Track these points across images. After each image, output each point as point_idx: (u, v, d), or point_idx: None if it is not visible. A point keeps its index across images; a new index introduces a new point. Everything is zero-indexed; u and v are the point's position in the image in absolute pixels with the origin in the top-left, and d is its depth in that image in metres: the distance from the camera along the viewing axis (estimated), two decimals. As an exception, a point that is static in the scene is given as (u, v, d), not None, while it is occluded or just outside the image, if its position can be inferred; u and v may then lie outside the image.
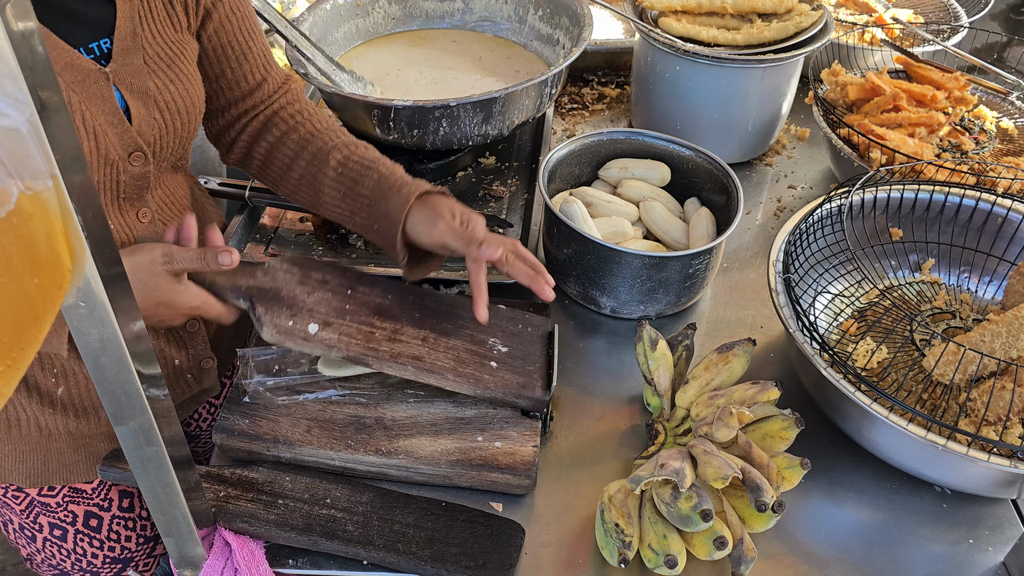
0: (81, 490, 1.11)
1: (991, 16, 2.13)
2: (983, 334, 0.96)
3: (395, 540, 0.87)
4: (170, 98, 0.94)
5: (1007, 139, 1.44)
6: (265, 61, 1.06)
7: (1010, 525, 0.94)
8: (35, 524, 1.12)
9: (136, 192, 0.96)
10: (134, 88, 0.91)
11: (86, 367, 0.64)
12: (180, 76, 0.95)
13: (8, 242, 0.48)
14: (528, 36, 1.57)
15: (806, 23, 1.40)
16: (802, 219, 1.10)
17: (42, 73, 0.49)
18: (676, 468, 0.83)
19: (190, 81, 0.97)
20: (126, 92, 0.90)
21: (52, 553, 1.15)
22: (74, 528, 1.12)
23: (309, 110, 1.10)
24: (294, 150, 1.06)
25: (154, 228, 1.00)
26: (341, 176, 1.02)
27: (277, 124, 1.07)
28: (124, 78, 0.90)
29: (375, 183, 1.00)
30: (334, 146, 1.04)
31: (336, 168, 1.03)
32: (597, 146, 1.29)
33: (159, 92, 0.93)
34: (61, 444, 1.05)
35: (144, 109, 0.92)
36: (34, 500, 1.10)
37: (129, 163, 0.92)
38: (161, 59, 0.93)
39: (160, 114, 0.94)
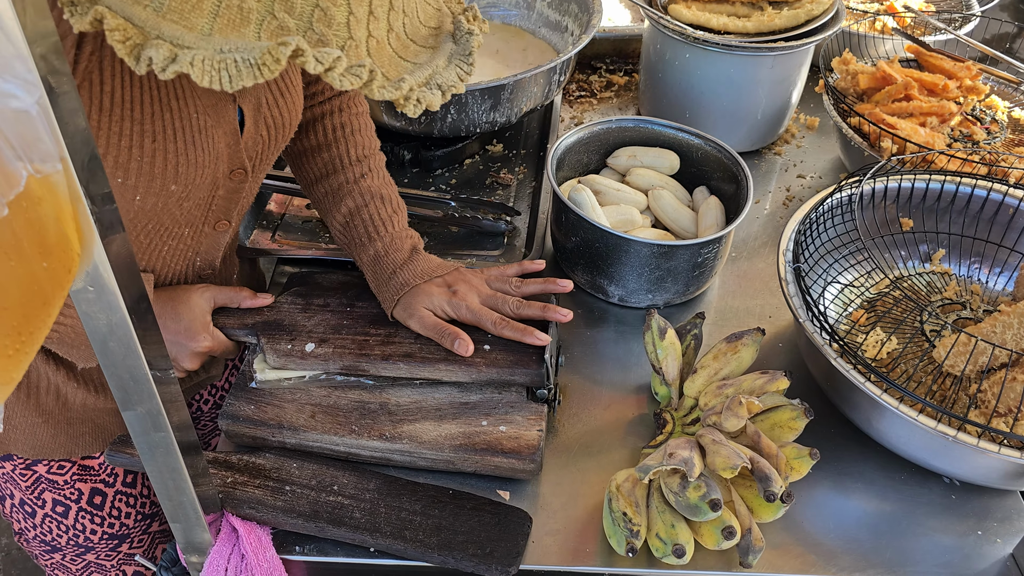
0: (89, 467, 1.11)
1: (1000, 7, 2.11)
2: (994, 325, 0.95)
3: (402, 527, 0.86)
4: (277, 113, 0.91)
5: (1019, 129, 1.42)
6: None
7: (1019, 517, 0.94)
8: (38, 500, 1.12)
9: (225, 207, 0.94)
10: (251, 104, 0.88)
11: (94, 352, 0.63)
12: (290, 87, 0.93)
13: (17, 225, 0.48)
14: (536, 23, 1.56)
15: (817, 11, 1.39)
16: (812, 208, 1.09)
17: (52, 55, 0.48)
18: (685, 457, 0.83)
19: (296, 91, 0.94)
20: (246, 108, 0.87)
21: (49, 528, 1.15)
22: (77, 506, 1.13)
23: (352, 126, 1.07)
24: (319, 172, 1.07)
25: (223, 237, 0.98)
26: (346, 228, 1.04)
27: (316, 131, 1.06)
28: (247, 95, 0.87)
29: (371, 260, 1.03)
30: (349, 192, 1.04)
31: (345, 216, 1.04)
32: (606, 134, 1.28)
33: (268, 108, 0.90)
34: (72, 415, 1.05)
35: (253, 125, 0.89)
36: (42, 477, 1.10)
37: (229, 179, 0.90)
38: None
39: (267, 130, 0.91)
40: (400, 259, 1.02)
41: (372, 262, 1.03)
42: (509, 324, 0.98)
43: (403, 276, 1.00)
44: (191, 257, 0.98)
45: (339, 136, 1.06)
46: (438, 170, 1.38)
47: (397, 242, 1.03)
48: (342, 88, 0.62)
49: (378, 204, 1.04)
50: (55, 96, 0.49)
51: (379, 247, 1.02)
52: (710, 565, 0.88)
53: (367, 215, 1.03)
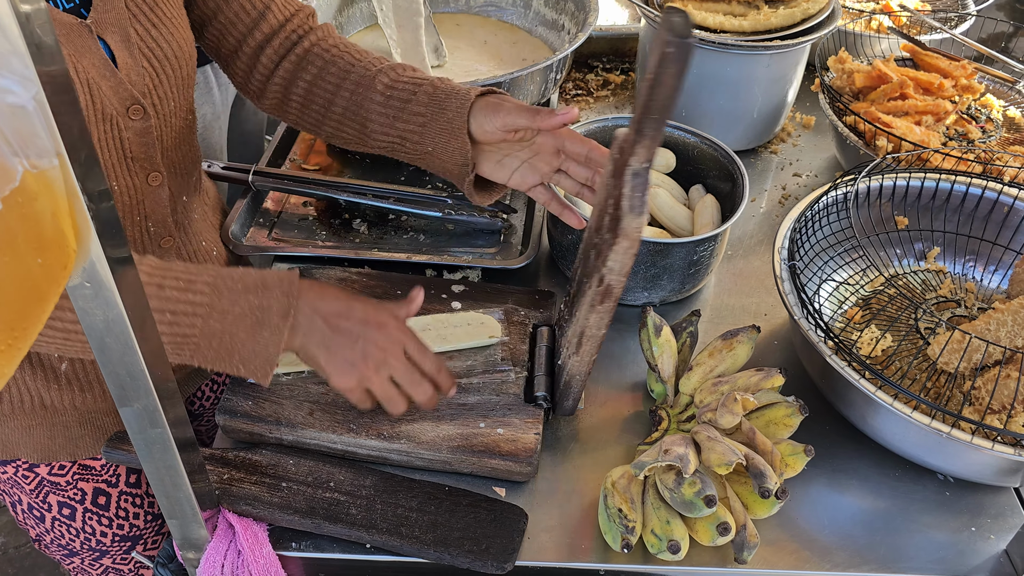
0: (90, 467, 1.11)
1: (997, 6, 2.12)
2: (988, 322, 0.95)
3: (398, 524, 0.87)
4: (154, 44, 0.90)
5: (1014, 128, 1.43)
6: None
7: (1013, 513, 0.94)
8: (44, 503, 1.12)
9: (143, 152, 0.92)
10: (116, 37, 0.87)
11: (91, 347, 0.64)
12: (164, 19, 0.91)
13: (12, 220, 0.48)
14: (533, 21, 1.56)
15: (813, 10, 1.39)
16: (808, 206, 1.09)
17: (48, 50, 0.48)
18: (680, 454, 0.83)
19: (174, 24, 0.93)
20: (110, 40, 0.87)
21: (61, 533, 1.15)
22: (83, 506, 1.13)
23: (346, 43, 1.05)
24: (335, 82, 1.02)
25: (161, 192, 0.97)
26: (390, 99, 0.99)
27: (313, 60, 1.03)
28: (106, 27, 0.86)
29: (429, 96, 0.97)
30: (379, 70, 1.00)
31: (384, 92, 0.99)
32: (602, 132, 1.28)
33: (140, 39, 0.89)
34: (67, 419, 1.05)
35: (130, 58, 0.88)
36: (44, 479, 1.10)
37: (129, 118, 0.89)
38: (144, 2, 0.90)
39: (148, 62, 0.90)
40: (460, 86, 0.99)
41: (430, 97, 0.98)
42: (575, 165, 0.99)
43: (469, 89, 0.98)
44: (139, 221, 0.96)
45: (338, 52, 1.04)
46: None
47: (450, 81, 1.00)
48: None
49: (410, 71, 1.01)
50: (52, 93, 0.49)
51: (435, 84, 0.99)
52: (705, 561, 0.88)
53: (407, 77, 1.00)
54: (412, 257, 1.17)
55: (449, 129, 0.96)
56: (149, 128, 0.92)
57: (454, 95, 0.97)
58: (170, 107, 0.95)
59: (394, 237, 1.24)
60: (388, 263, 1.18)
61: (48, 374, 1.00)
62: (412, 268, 1.19)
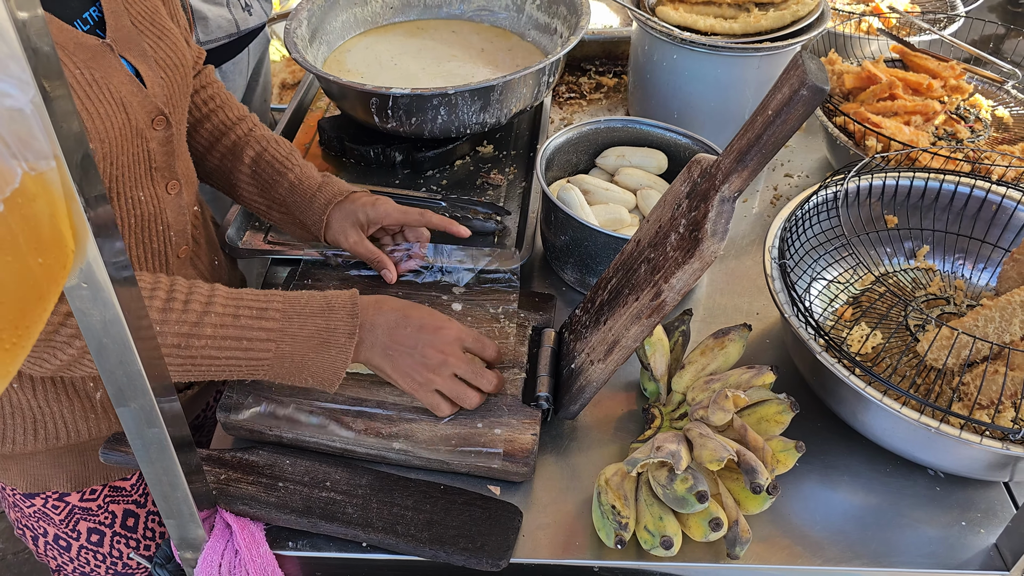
0: (120, 488, 1.12)
1: (989, 8, 2.13)
2: (976, 319, 0.97)
3: (394, 522, 0.88)
4: (164, 55, 0.94)
5: (1003, 127, 1.44)
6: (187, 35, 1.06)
7: (1002, 508, 0.95)
8: (73, 532, 1.12)
9: (165, 161, 0.95)
10: (135, 52, 0.90)
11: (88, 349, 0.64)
12: (165, 32, 0.95)
13: (13, 222, 0.49)
14: (526, 25, 1.57)
15: (803, 12, 1.41)
16: (798, 206, 1.10)
17: (45, 54, 0.49)
18: (672, 450, 0.84)
19: (175, 35, 0.96)
20: (131, 57, 0.90)
21: (86, 560, 1.15)
22: (112, 531, 1.13)
23: (221, 96, 1.13)
24: (208, 141, 1.11)
25: (179, 200, 0.99)
26: (255, 175, 1.09)
27: (191, 111, 1.09)
28: (124, 44, 0.89)
29: (287, 191, 1.08)
30: (246, 143, 1.10)
31: (249, 166, 1.09)
32: (594, 134, 1.30)
33: (154, 52, 0.93)
34: (98, 443, 1.04)
35: (151, 71, 0.91)
36: (75, 508, 1.10)
37: (153, 129, 0.92)
38: (144, 17, 0.93)
39: (164, 72, 0.93)
40: (315, 183, 1.08)
41: (289, 192, 1.08)
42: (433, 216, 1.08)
43: (323, 196, 1.07)
44: (162, 231, 0.98)
45: (213, 107, 1.11)
46: (429, 171, 1.39)
47: (306, 171, 1.09)
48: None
49: (275, 146, 1.10)
50: (49, 98, 0.50)
51: (291, 178, 1.08)
52: (698, 557, 0.89)
53: (270, 156, 1.09)
54: (407, 259, 1.18)
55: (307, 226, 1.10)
56: (170, 137, 0.95)
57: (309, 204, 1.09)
58: (180, 114, 0.98)
59: (389, 240, 1.25)
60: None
61: (85, 403, 1.00)
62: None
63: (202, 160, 1.12)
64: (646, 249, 0.93)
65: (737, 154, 0.79)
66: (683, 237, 0.85)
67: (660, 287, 0.86)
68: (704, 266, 0.83)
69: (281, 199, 1.09)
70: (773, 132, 0.74)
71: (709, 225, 0.81)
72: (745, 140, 0.78)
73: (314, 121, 1.51)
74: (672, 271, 0.85)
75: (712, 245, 0.82)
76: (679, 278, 0.84)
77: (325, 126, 1.43)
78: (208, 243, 1.13)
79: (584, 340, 0.99)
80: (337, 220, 1.08)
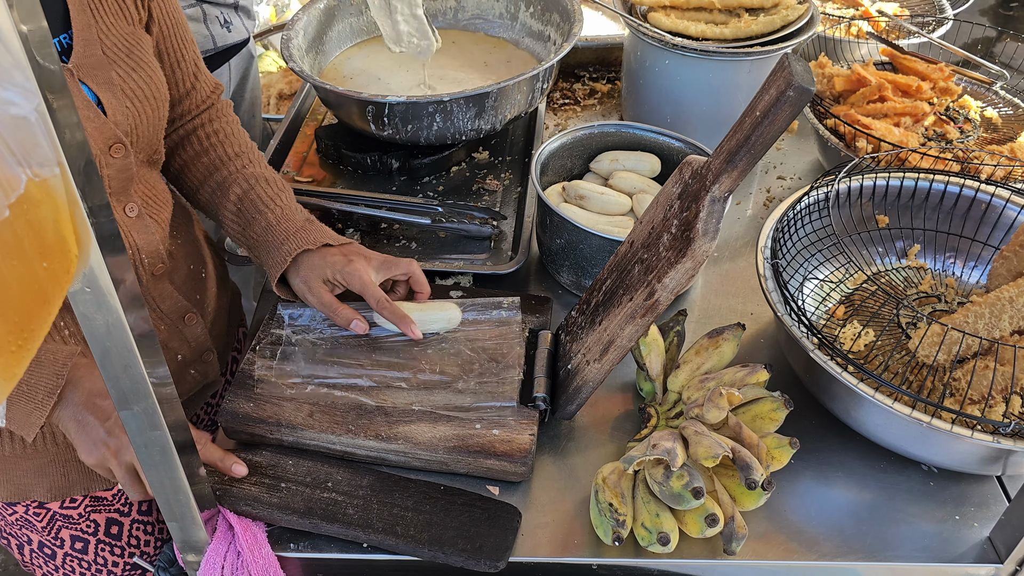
0: (102, 498, 1.12)
1: (980, 12, 2.15)
2: (967, 315, 0.98)
3: (394, 523, 0.89)
4: (135, 86, 0.95)
5: (991, 128, 1.46)
6: (195, 69, 1.10)
7: (995, 501, 0.97)
8: (56, 540, 1.12)
9: (122, 186, 0.97)
10: (99, 80, 0.92)
11: (92, 354, 0.66)
12: (141, 64, 0.96)
13: (18, 226, 0.50)
14: (520, 33, 1.59)
15: (792, 17, 1.43)
16: (790, 206, 1.12)
17: (48, 63, 0.51)
18: (668, 448, 0.85)
19: (152, 68, 0.98)
20: (93, 85, 0.92)
21: (72, 568, 1.15)
22: (95, 538, 1.13)
23: (226, 131, 1.13)
24: (202, 175, 1.11)
25: (142, 222, 1.01)
26: (238, 213, 1.08)
27: (192, 143, 1.11)
28: (88, 71, 0.91)
29: (263, 230, 1.06)
30: (235, 180, 1.09)
31: (235, 203, 1.08)
32: (588, 139, 1.31)
33: (123, 81, 0.94)
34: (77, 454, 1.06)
35: (115, 100, 0.93)
36: (56, 515, 1.11)
37: (110, 155, 0.93)
38: (120, 49, 0.94)
39: (130, 102, 0.95)
40: (292, 228, 1.06)
41: (264, 232, 1.06)
42: (391, 306, 1.02)
43: (295, 242, 1.04)
44: (132, 254, 1.00)
45: (214, 141, 1.11)
46: (425, 178, 1.41)
47: (288, 213, 1.07)
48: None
49: (264, 185, 1.09)
50: (52, 108, 0.52)
51: (270, 218, 1.06)
52: (695, 553, 0.90)
53: (255, 195, 1.08)
54: (404, 264, 1.20)
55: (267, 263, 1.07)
56: (129, 164, 0.96)
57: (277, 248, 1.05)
58: (144, 143, 1.00)
59: (386, 245, 1.27)
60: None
61: None
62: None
63: (194, 194, 1.13)
64: (639, 250, 0.94)
65: (727, 155, 0.81)
66: (675, 237, 0.86)
67: (653, 287, 0.87)
68: (696, 265, 0.84)
69: (255, 238, 1.07)
70: (761, 133, 0.76)
71: (700, 225, 0.83)
72: (734, 141, 0.79)
73: (311, 130, 1.52)
74: (665, 271, 0.86)
75: (704, 245, 0.83)
76: (672, 278, 0.85)
77: (322, 134, 1.44)
78: (191, 257, 1.14)
79: (580, 341, 1.00)
80: (303, 270, 1.04)
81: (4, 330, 0.50)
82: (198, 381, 1.14)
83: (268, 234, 1.05)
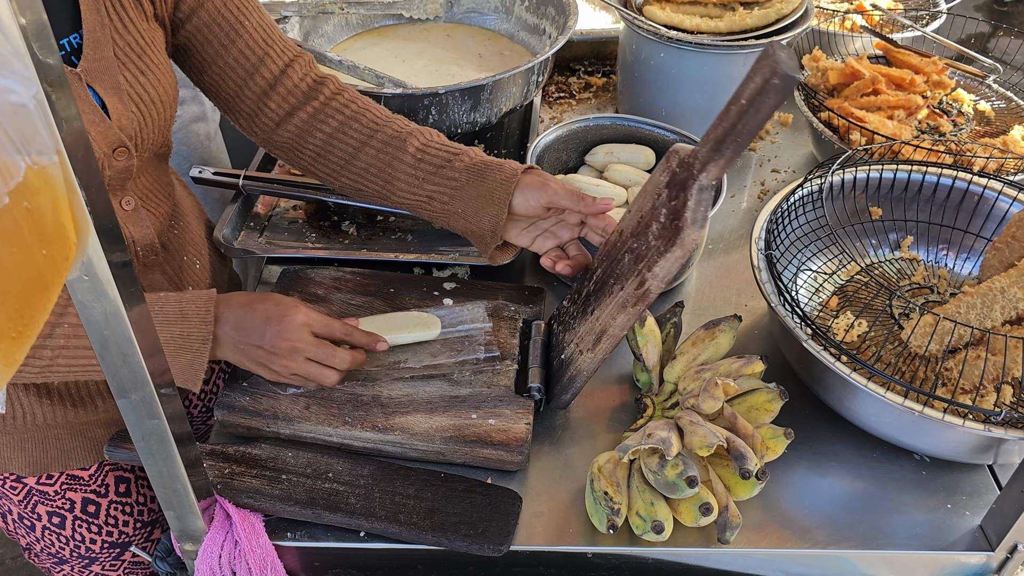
0: (78, 477, 1.13)
1: (975, 7, 2.16)
2: (959, 306, 0.99)
3: (396, 511, 0.89)
4: (141, 90, 0.94)
5: (984, 121, 1.47)
6: (265, 35, 1.03)
7: (987, 490, 0.97)
8: (33, 513, 1.13)
9: (118, 183, 0.97)
10: (107, 84, 0.91)
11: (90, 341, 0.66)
12: (150, 67, 0.95)
13: (18, 214, 0.50)
14: (515, 26, 1.59)
15: (787, 10, 1.43)
16: (784, 198, 1.12)
17: (47, 50, 0.51)
18: (663, 437, 0.86)
19: (160, 70, 0.97)
20: (100, 89, 0.91)
21: (51, 541, 1.16)
22: (72, 515, 1.14)
23: (364, 99, 1.07)
24: (360, 139, 1.04)
25: (138, 215, 1.01)
26: (422, 161, 1.02)
27: (332, 115, 1.05)
28: (96, 75, 0.90)
29: (467, 166, 1.01)
30: (410, 132, 1.04)
31: (415, 154, 1.03)
32: (584, 131, 1.32)
33: (130, 86, 0.93)
34: (60, 431, 1.07)
35: (121, 104, 0.92)
36: (32, 489, 1.11)
37: (114, 159, 0.93)
38: (132, 50, 0.93)
39: (136, 107, 0.94)
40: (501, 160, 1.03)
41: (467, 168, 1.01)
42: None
43: (513, 164, 1.02)
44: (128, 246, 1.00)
45: (356, 109, 1.05)
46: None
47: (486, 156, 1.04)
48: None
49: (439, 137, 1.05)
50: (50, 94, 0.52)
51: (472, 155, 1.02)
52: (690, 542, 0.91)
53: (440, 142, 1.04)
54: (400, 256, 1.20)
55: (489, 198, 1.01)
56: (130, 166, 0.96)
57: (497, 168, 1.01)
58: (148, 144, 0.99)
59: (382, 237, 1.27)
60: (376, 263, 1.21)
61: (40, 390, 1.02)
62: (400, 267, 1.22)
63: (351, 160, 1.05)
64: (629, 239, 0.94)
65: (713, 143, 0.81)
66: (664, 226, 0.87)
67: (644, 276, 0.88)
68: (685, 254, 0.84)
69: (455, 177, 1.01)
70: (747, 121, 0.76)
71: (689, 214, 0.83)
72: (721, 129, 0.80)
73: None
74: (655, 260, 0.86)
75: (692, 233, 0.83)
76: (662, 267, 0.86)
77: (318, 128, 1.44)
78: (185, 247, 1.13)
79: (573, 331, 1.01)
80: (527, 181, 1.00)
81: (4, 316, 0.50)
82: None
83: (477, 166, 1.01)
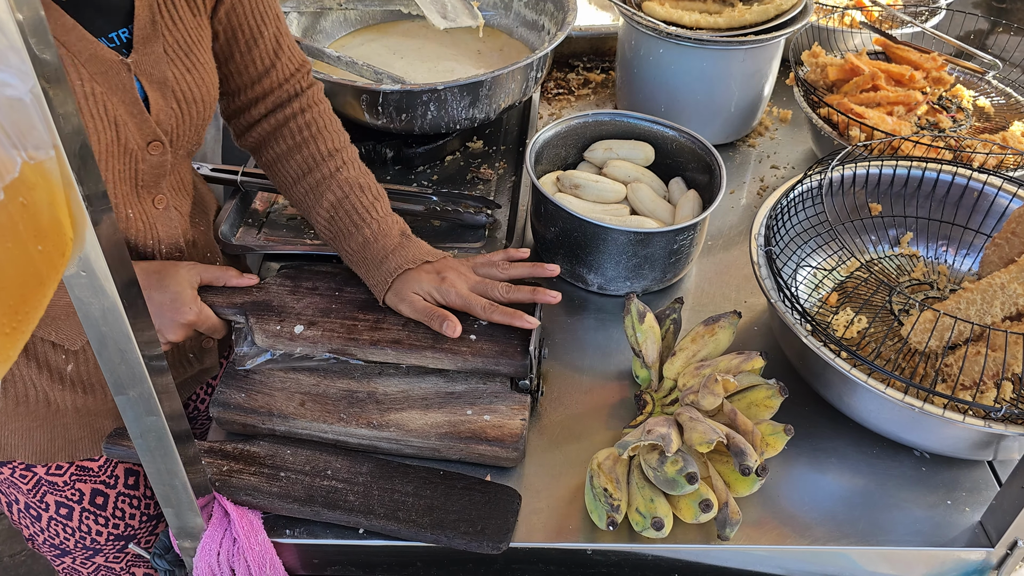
0: (88, 468, 1.13)
1: (973, 4, 2.16)
2: (959, 302, 0.98)
3: (395, 508, 0.89)
4: (186, 87, 0.94)
5: (984, 117, 1.47)
6: (276, 46, 1.04)
7: (987, 486, 0.97)
8: (41, 503, 1.13)
9: (153, 180, 0.97)
10: (153, 78, 0.91)
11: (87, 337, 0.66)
12: (197, 64, 0.95)
13: (13, 209, 0.50)
14: (514, 22, 1.59)
15: (786, 6, 1.43)
16: (783, 194, 1.12)
17: (43, 45, 0.51)
18: (662, 433, 0.86)
19: (206, 69, 0.97)
20: (146, 82, 0.91)
21: (56, 532, 1.16)
22: (80, 506, 1.14)
23: (319, 124, 1.08)
24: (296, 173, 1.07)
25: (168, 214, 1.01)
26: (332, 221, 1.05)
27: (285, 136, 1.07)
28: (145, 68, 0.90)
29: (359, 246, 1.03)
30: (328, 186, 1.05)
31: (328, 210, 1.05)
32: (583, 128, 1.31)
33: (176, 82, 0.93)
34: (67, 420, 1.07)
35: (163, 99, 0.93)
36: (42, 479, 1.11)
37: (148, 152, 0.93)
38: (180, 47, 0.93)
39: (177, 104, 0.94)
40: (390, 244, 1.03)
41: (361, 248, 1.03)
42: (498, 309, 0.99)
43: (395, 261, 1.01)
44: (153, 245, 1.01)
45: (307, 136, 1.07)
46: (420, 167, 1.41)
47: (384, 228, 1.04)
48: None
49: (359, 193, 1.05)
50: (48, 89, 0.52)
51: (367, 234, 1.03)
52: (689, 539, 0.91)
53: (350, 205, 1.04)
54: (399, 253, 1.20)
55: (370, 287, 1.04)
56: (164, 161, 0.96)
57: (378, 267, 1.02)
58: (184, 141, 0.99)
59: (381, 234, 1.26)
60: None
61: (54, 374, 1.03)
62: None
63: (289, 190, 1.09)
64: None
65: None
66: None
67: None
68: None
69: (352, 252, 1.04)
70: None
71: None
72: None
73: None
74: None
75: None
76: None
77: (316, 124, 1.44)
78: (205, 245, 1.14)
79: None
80: (397, 286, 1.01)
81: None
82: (194, 366, 1.14)
83: (365, 251, 1.03)
